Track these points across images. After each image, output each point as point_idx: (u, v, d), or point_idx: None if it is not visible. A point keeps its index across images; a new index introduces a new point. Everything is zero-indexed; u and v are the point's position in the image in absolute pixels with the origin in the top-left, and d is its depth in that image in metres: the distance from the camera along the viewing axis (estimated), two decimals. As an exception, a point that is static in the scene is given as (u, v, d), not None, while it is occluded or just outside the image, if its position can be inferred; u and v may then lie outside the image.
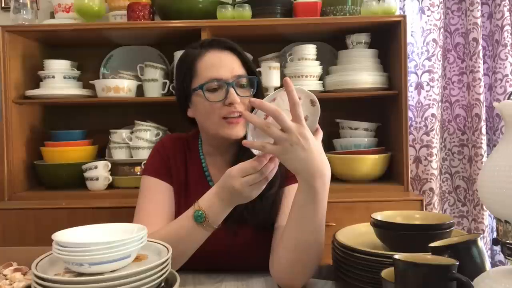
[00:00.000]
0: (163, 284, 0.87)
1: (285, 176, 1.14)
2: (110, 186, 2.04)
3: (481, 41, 2.19)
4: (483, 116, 2.20)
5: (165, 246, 0.92)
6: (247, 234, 1.14)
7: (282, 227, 1.04)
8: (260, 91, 1.17)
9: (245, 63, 1.16)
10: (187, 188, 1.21)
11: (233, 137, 1.12)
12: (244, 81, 1.14)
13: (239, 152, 1.17)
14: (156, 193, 1.18)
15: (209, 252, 1.06)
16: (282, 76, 2.06)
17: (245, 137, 0.97)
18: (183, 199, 1.19)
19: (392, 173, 2.08)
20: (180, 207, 1.17)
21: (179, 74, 1.18)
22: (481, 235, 1.79)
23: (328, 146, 2.20)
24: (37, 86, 2.07)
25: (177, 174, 1.21)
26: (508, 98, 0.80)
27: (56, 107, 2.24)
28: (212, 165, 1.23)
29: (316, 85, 2.02)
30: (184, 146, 1.26)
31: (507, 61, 2.20)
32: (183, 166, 1.22)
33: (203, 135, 1.23)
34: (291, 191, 1.12)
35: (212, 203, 1.00)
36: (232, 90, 1.10)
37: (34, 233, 1.81)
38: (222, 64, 1.12)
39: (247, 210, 1.10)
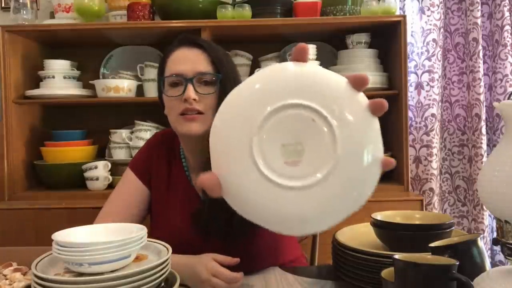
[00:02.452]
0: (163, 284, 0.87)
1: None
2: (110, 186, 2.04)
3: (481, 41, 2.20)
4: (483, 116, 2.21)
5: (165, 246, 0.92)
6: (217, 244, 1.09)
7: None
8: (227, 91, 1.11)
9: (214, 61, 1.11)
10: (169, 187, 1.20)
11: (189, 133, 1.10)
12: (207, 78, 1.10)
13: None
14: (127, 192, 1.21)
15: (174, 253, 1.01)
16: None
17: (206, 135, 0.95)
18: (165, 197, 1.19)
19: (392, 173, 2.08)
20: (162, 205, 1.19)
21: (157, 71, 1.20)
22: (481, 235, 1.79)
23: (328, 146, 2.20)
24: (37, 86, 2.07)
25: (158, 174, 1.21)
26: (508, 98, 0.80)
27: (56, 107, 2.24)
28: (190, 167, 1.21)
29: (316, 85, 2.02)
30: (171, 143, 1.25)
31: (507, 61, 2.20)
32: (166, 164, 1.22)
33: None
34: None
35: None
36: (189, 86, 1.07)
37: (34, 233, 1.81)
38: (185, 60, 1.10)
39: (214, 224, 1.08)
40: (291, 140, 0.49)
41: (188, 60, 1.10)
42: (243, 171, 0.50)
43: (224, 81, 1.10)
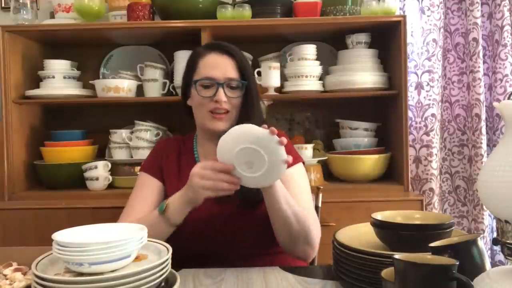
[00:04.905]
0: (163, 284, 0.87)
1: None
2: (110, 186, 2.04)
3: (481, 41, 2.19)
4: (483, 116, 2.20)
5: (165, 246, 0.92)
6: (232, 208, 1.25)
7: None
8: (251, 95, 1.30)
9: (241, 68, 1.29)
10: (180, 178, 1.31)
11: (216, 129, 1.27)
12: (234, 84, 1.28)
13: None
14: (144, 188, 1.33)
15: (194, 218, 1.17)
16: (282, 76, 2.06)
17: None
18: (177, 188, 1.22)
19: (392, 173, 2.08)
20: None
21: (186, 67, 1.36)
22: (481, 235, 1.79)
23: (328, 146, 2.20)
24: (37, 86, 2.07)
25: (169, 169, 1.35)
26: (508, 98, 0.80)
27: (56, 107, 2.24)
28: (203, 157, 1.35)
29: (316, 85, 2.02)
30: (179, 144, 1.40)
31: (507, 61, 2.20)
32: (176, 160, 1.36)
33: (197, 125, 1.37)
34: (289, 172, 1.24)
35: (175, 196, 1.15)
36: (221, 89, 1.26)
37: (34, 233, 1.81)
38: (218, 66, 1.28)
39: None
40: (248, 159, 1.03)
41: (220, 66, 1.28)
42: (235, 170, 1.06)
43: (247, 86, 1.29)
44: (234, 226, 1.25)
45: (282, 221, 1.16)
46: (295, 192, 1.24)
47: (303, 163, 1.38)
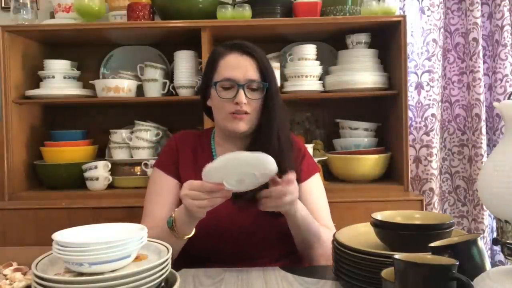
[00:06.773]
0: (163, 284, 0.87)
1: (298, 173, 1.27)
2: (110, 186, 2.04)
3: (481, 41, 2.19)
4: (483, 116, 2.20)
5: (165, 246, 0.92)
6: (252, 213, 1.22)
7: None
8: (272, 97, 1.27)
9: (261, 69, 1.26)
10: (197, 173, 1.27)
11: (236, 130, 1.25)
12: (255, 85, 1.25)
13: (249, 146, 1.29)
14: (160, 191, 1.31)
15: (213, 220, 1.17)
16: (282, 76, 2.06)
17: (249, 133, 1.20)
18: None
19: (392, 173, 2.08)
20: None
21: (206, 67, 1.33)
22: (481, 235, 1.79)
23: (328, 146, 2.20)
24: (37, 86, 2.07)
25: (185, 165, 1.32)
26: (508, 98, 0.80)
27: (56, 107, 2.24)
28: (220, 153, 1.31)
29: (316, 85, 2.02)
30: (195, 139, 1.38)
31: (507, 61, 2.20)
32: (192, 155, 1.34)
33: (216, 125, 1.36)
34: (308, 186, 1.31)
35: (180, 212, 1.11)
36: (241, 91, 1.23)
37: (34, 233, 1.81)
38: (238, 67, 1.25)
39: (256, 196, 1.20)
40: (239, 178, 1.03)
41: (241, 67, 1.25)
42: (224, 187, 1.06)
43: (268, 88, 1.26)
44: (252, 233, 1.25)
45: (301, 239, 1.23)
46: (314, 207, 1.29)
47: (319, 171, 1.40)
